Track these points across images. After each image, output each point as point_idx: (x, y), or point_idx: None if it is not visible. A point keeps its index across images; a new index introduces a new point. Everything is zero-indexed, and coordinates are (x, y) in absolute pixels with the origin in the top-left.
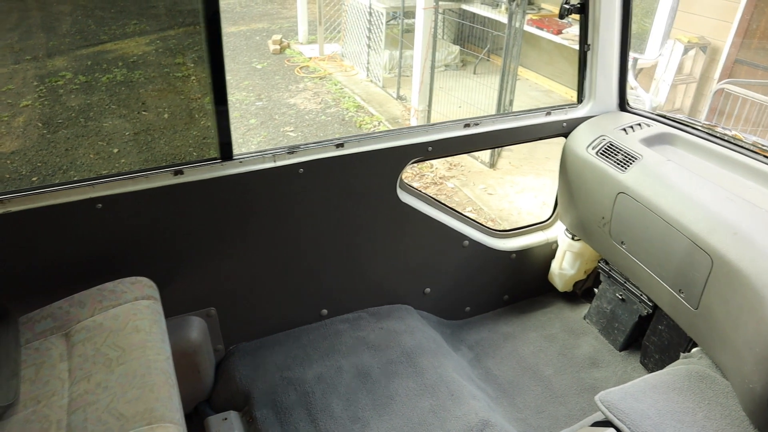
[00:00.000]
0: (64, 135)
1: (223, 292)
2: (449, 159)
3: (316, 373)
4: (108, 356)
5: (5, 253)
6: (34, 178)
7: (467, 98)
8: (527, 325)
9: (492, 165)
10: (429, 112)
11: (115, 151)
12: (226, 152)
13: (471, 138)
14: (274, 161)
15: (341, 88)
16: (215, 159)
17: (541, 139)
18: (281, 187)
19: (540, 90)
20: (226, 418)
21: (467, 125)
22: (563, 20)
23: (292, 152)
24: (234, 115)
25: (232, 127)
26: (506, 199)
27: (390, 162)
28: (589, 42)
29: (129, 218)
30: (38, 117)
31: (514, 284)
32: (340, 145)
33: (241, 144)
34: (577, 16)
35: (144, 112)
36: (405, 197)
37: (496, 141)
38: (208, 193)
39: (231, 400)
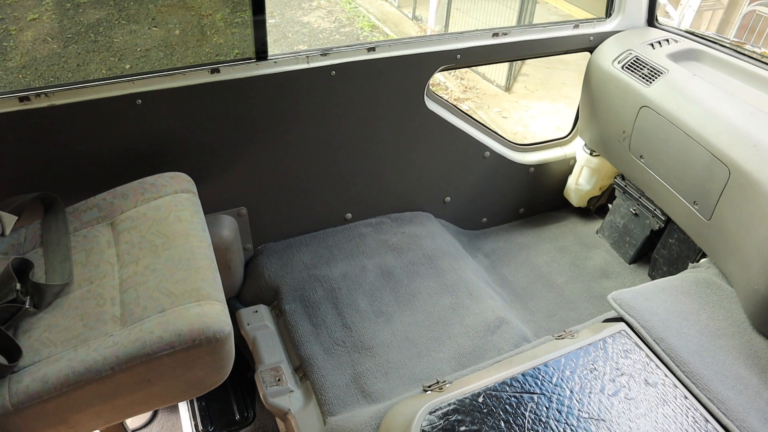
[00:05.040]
0: (74, 50)
1: (254, 192)
2: (464, 81)
3: (341, 271)
4: (153, 243)
5: (50, 147)
6: None
7: (485, 20)
8: (541, 237)
9: (507, 89)
10: (445, 32)
11: (128, 66)
12: (261, 52)
13: (499, 47)
14: (308, 62)
15: (356, 7)
16: (250, 59)
17: (567, 52)
18: (313, 88)
19: (559, 14)
20: (256, 311)
21: (496, 34)
22: None
23: (325, 54)
24: (246, 32)
25: (245, 45)
26: (520, 123)
27: (419, 68)
28: None
29: (167, 115)
30: (47, 32)
31: (530, 198)
32: (371, 49)
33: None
34: None
35: (155, 28)
36: (432, 105)
37: (523, 52)
38: (242, 92)
39: (260, 295)
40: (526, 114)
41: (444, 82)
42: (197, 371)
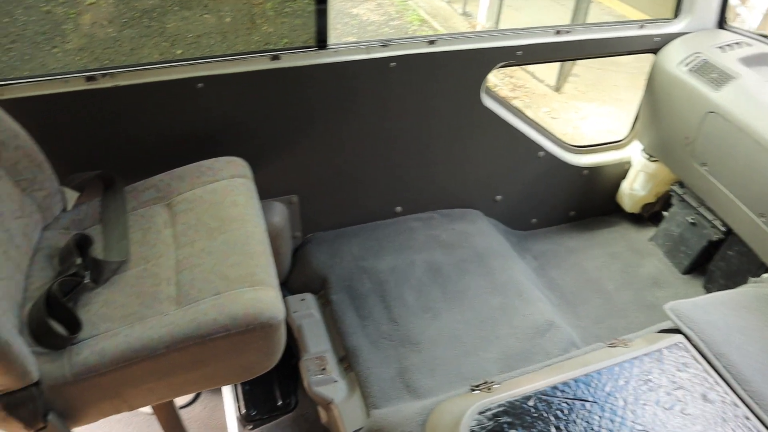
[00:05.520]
0: (129, 34)
1: (306, 181)
2: (513, 80)
3: (389, 264)
4: (209, 226)
5: (113, 126)
6: None
7: (537, 18)
8: (592, 242)
9: (557, 89)
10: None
11: (179, 52)
12: (321, 41)
13: (561, 45)
14: (368, 53)
15: (405, 0)
16: (311, 47)
17: (630, 53)
18: (372, 79)
19: (613, 15)
20: (303, 299)
21: (558, 32)
22: None
23: (386, 45)
24: (295, 22)
25: (294, 35)
26: (570, 124)
27: (478, 63)
28: None
29: (226, 99)
30: (104, 16)
31: (582, 201)
32: (432, 42)
33: None
34: None
35: (206, 15)
36: (488, 102)
37: (585, 51)
38: (301, 80)
39: (307, 283)
40: (575, 115)
41: (492, 80)
42: (249, 355)
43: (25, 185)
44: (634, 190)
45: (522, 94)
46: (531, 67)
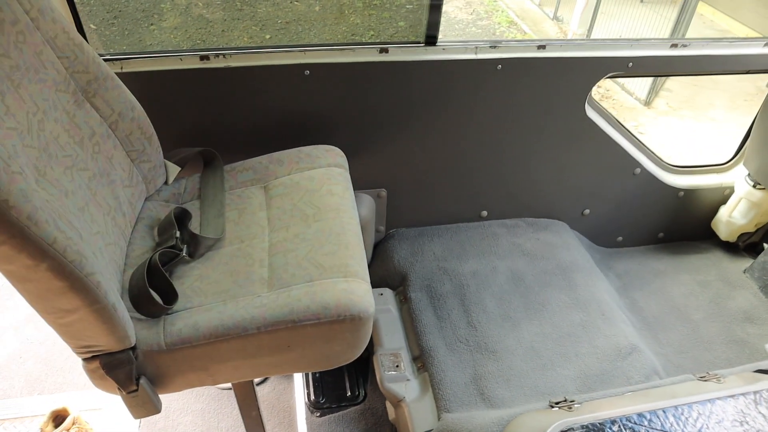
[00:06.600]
0: (221, 17)
1: (396, 176)
2: (600, 90)
3: (471, 268)
4: (305, 212)
5: (219, 105)
6: None
7: (632, 27)
8: (680, 267)
9: (647, 103)
10: (588, 37)
11: (267, 37)
12: (430, 38)
13: (675, 60)
14: (476, 53)
15: (495, 0)
16: (419, 43)
17: (750, 72)
18: (477, 80)
19: (715, 29)
20: (382, 294)
21: (674, 45)
22: None
23: (494, 47)
24: (383, 15)
25: (381, 28)
26: (657, 141)
27: (586, 73)
28: None
29: (330, 88)
30: None
31: (673, 223)
32: (542, 47)
33: None
34: None
35: (296, 2)
36: (591, 113)
37: (700, 67)
38: (406, 75)
39: (386, 278)
40: (664, 132)
41: None
42: (334, 346)
43: (135, 156)
44: (733, 217)
45: (608, 106)
46: (621, 78)
